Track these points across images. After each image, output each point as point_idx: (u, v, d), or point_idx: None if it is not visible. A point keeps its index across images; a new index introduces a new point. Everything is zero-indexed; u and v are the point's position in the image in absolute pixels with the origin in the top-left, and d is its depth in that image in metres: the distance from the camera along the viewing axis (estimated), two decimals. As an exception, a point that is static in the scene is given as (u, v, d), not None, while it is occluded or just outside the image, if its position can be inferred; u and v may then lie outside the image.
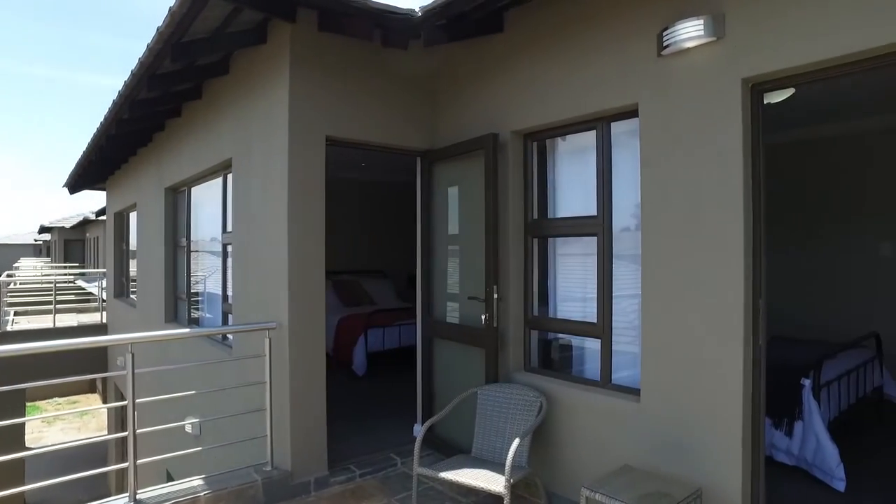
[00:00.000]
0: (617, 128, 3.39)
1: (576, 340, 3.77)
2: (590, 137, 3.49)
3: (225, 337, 5.01)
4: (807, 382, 3.77)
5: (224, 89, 4.76)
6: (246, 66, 4.35)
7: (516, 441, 3.00)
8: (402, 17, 3.57)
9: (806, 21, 2.49)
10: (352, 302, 8.07)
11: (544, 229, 3.82)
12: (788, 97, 4.36)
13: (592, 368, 3.55)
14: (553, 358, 3.86)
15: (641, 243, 3.09)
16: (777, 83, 2.74)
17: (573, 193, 3.76)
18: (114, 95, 4.86)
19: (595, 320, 3.43)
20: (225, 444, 3.83)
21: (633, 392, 3.19)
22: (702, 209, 2.84)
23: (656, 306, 3.03)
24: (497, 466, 3.22)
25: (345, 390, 6.05)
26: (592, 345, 3.53)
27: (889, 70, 2.51)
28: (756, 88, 2.77)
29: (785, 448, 3.82)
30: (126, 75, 4.33)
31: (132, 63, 4.05)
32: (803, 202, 6.20)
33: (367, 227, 9.46)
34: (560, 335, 3.86)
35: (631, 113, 3.20)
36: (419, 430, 3.50)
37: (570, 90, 3.45)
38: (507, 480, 2.92)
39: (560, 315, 3.83)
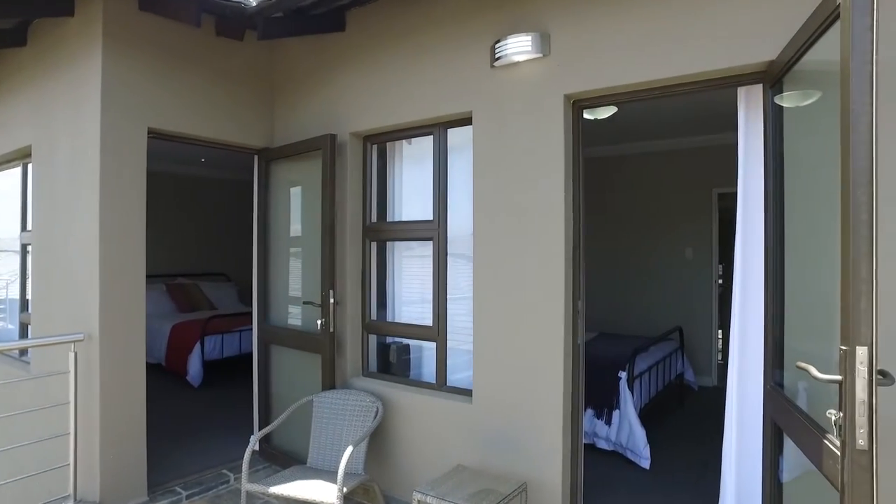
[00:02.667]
0: (458, 133, 3.46)
1: (414, 343, 3.79)
2: (428, 142, 3.53)
3: (24, 352, 4.35)
4: (623, 375, 4.15)
5: (21, 63, 4.13)
6: (49, 39, 3.81)
7: (349, 449, 2.93)
8: (233, 6, 3.34)
9: (615, 50, 2.73)
10: (188, 307, 7.47)
11: (382, 233, 3.80)
12: (612, 115, 4.79)
13: (430, 371, 3.60)
14: (391, 362, 3.85)
15: (473, 248, 3.19)
16: (594, 101, 2.96)
17: (412, 197, 3.79)
18: None
19: (431, 323, 3.47)
20: (12, 481, 3.30)
21: (467, 393, 3.28)
22: (527, 216, 2.99)
23: (486, 309, 3.14)
24: (332, 476, 3.13)
25: (177, 403, 5.56)
26: (430, 347, 3.58)
27: (684, 98, 2.85)
28: (577, 104, 2.98)
29: (605, 435, 4.18)
30: None
31: None
32: (631, 210, 6.86)
33: (210, 228, 8.82)
34: (399, 339, 3.87)
35: (466, 120, 3.29)
36: (255, 443, 3.30)
37: (409, 94, 3.46)
38: (340, 490, 2.84)
39: (400, 319, 3.84)
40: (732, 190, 5.97)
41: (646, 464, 3.93)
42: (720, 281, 6.41)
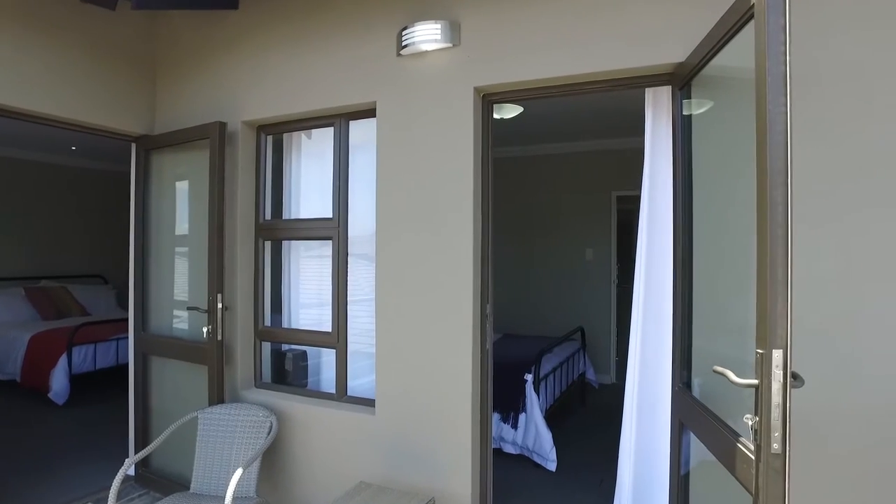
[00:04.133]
0: (361, 126, 3.23)
1: (313, 350, 3.52)
2: (328, 134, 3.28)
3: None
4: (529, 377, 4.11)
5: None
6: None
7: (239, 471, 2.62)
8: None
9: (527, 44, 2.64)
10: (54, 314, 6.62)
11: (277, 231, 3.49)
12: (519, 114, 4.77)
13: (329, 380, 3.34)
14: (287, 370, 3.55)
15: (376, 250, 2.98)
16: (505, 95, 2.85)
17: (311, 193, 3.51)
18: None
19: (330, 329, 3.22)
20: None
21: (370, 403, 3.07)
22: (434, 215, 2.83)
23: (389, 315, 2.94)
24: (219, 501, 2.80)
25: (36, 426, 4.87)
26: (329, 354, 3.32)
27: (588, 100, 2.82)
28: (487, 98, 2.86)
29: (511, 439, 4.12)
30: None
31: None
32: (532, 211, 6.92)
33: (84, 225, 7.91)
34: (296, 346, 3.57)
35: (370, 112, 3.08)
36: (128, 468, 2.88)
37: (308, 82, 3.19)
38: (227, 519, 2.53)
39: (296, 324, 3.55)
40: (631, 192, 6.24)
41: (552, 466, 3.90)
42: (617, 281, 6.63)
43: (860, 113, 2.04)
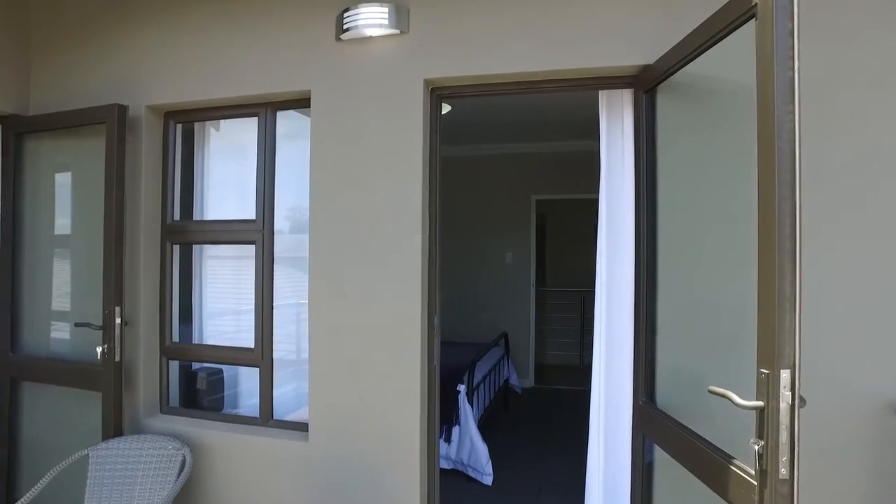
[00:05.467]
0: (291, 117, 2.89)
1: (232, 368, 3.11)
2: (251, 125, 2.90)
3: None
4: (462, 388, 3.93)
5: None
6: None
7: (148, 522, 2.21)
8: None
9: (483, 36, 2.46)
10: None
11: (189, 234, 3.04)
12: (447, 112, 4.60)
13: (251, 400, 2.96)
14: (199, 389, 3.10)
15: (309, 256, 2.65)
16: (456, 90, 2.64)
17: (230, 191, 3.10)
18: None
19: (252, 345, 2.84)
20: None
21: (301, 427, 2.73)
22: (380, 218, 2.57)
23: (326, 329, 2.63)
24: (119, 556, 2.35)
25: None
26: (252, 373, 2.94)
27: (517, 98, 2.67)
28: (436, 92, 2.64)
29: (444, 454, 3.92)
30: None
31: None
32: (454, 214, 6.76)
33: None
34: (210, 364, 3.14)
35: (302, 101, 2.74)
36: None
37: (229, 65, 2.78)
38: (134, 581, 2.11)
39: (212, 339, 3.11)
40: (549, 196, 6.26)
41: (488, 480, 3.76)
42: (535, 284, 6.65)
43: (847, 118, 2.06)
